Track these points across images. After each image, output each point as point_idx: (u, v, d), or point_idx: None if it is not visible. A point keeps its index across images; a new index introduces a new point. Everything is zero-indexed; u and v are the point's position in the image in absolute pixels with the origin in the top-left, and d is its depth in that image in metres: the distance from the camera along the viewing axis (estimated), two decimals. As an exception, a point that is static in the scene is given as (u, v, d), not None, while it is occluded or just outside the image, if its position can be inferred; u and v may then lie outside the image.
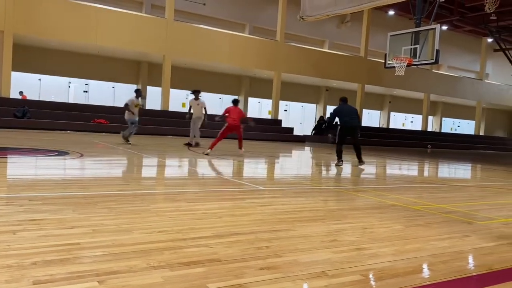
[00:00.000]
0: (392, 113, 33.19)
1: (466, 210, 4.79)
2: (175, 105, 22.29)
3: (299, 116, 29.21)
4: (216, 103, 23.51)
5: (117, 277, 2.14)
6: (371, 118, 31.69)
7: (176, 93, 22.76)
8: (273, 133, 22.25)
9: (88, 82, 22.50)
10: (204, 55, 21.21)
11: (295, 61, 23.81)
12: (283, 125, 24.36)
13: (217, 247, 2.76)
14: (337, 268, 2.49)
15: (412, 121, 34.69)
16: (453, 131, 36.57)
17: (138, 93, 11.99)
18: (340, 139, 9.62)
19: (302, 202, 4.75)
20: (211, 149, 10.10)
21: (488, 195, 6.54)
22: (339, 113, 9.52)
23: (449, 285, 2.36)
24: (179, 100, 23.81)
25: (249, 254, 2.66)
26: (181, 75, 22.66)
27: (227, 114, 10.48)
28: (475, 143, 31.66)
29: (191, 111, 12.63)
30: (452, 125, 37.60)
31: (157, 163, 8.42)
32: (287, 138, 22.49)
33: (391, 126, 32.46)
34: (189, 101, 12.69)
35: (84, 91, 22.61)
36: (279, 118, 24.15)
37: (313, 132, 26.08)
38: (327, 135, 9.92)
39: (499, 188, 7.61)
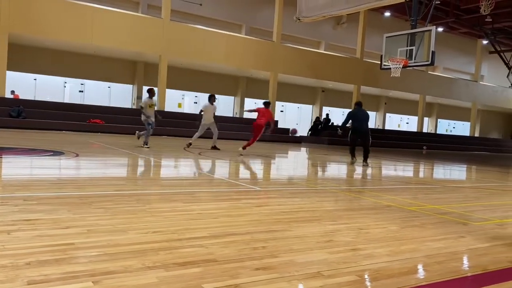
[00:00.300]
0: (387, 114, 33.29)
1: (461, 211, 4.81)
2: (171, 105, 22.26)
3: (295, 117, 29.25)
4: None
5: (112, 277, 2.13)
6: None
7: (172, 93, 22.73)
8: (269, 133, 22.23)
9: (84, 82, 22.43)
10: (200, 55, 21.20)
11: (291, 62, 23.84)
12: (280, 125, 24.39)
13: (213, 247, 2.75)
14: (332, 268, 2.50)
15: (407, 122, 34.83)
16: (448, 133, 36.77)
17: (151, 92, 11.44)
18: (350, 141, 10.32)
19: (298, 202, 4.75)
20: (244, 148, 11.03)
21: (483, 196, 6.56)
22: (352, 117, 10.21)
23: (444, 286, 2.37)
24: (175, 100, 23.78)
25: (245, 254, 2.66)
26: (177, 75, 22.64)
27: (256, 113, 11.11)
28: (470, 144, 31.83)
29: (202, 115, 12.06)
30: (447, 126, 37.78)
31: (153, 163, 8.40)
32: (283, 138, 22.51)
33: (387, 127, 32.56)
34: (203, 106, 12.00)
35: (80, 91, 22.54)
36: (275, 118, 24.14)
37: (309, 132, 26.12)
38: (337, 131, 10.77)
39: (494, 189, 7.65)
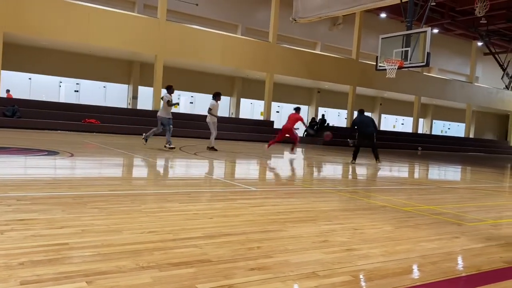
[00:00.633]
0: (383, 115, 33.37)
1: (455, 212, 4.82)
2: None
3: (291, 118, 29.23)
4: (208, 103, 23.41)
5: (105, 277, 2.12)
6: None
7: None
8: (265, 134, 22.25)
9: (79, 82, 22.33)
10: (196, 55, 21.17)
11: (287, 62, 23.85)
12: (276, 126, 24.40)
13: (207, 247, 2.75)
14: (327, 268, 2.50)
15: (403, 123, 34.93)
16: (443, 134, 36.92)
17: (171, 89, 11.14)
18: (357, 143, 11.85)
19: (293, 203, 4.75)
20: (268, 146, 13.02)
21: (477, 197, 6.59)
22: (357, 124, 11.67)
23: (438, 286, 2.38)
24: (171, 100, 23.66)
25: (239, 254, 2.65)
26: (173, 75, 22.57)
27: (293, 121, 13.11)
28: (465, 145, 31.99)
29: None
30: (442, 127, 37.93)
31: (149, 163, 8.37)
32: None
33: (382, 128, 32.63)
34: (211, 104, 12.02)
35: (75, 90, 22.44)
36: (271, 119, 24.18)
37: (305, 133, 26.13)
38: (347, 139, 12.67)
39: (488, 190, 7.69)
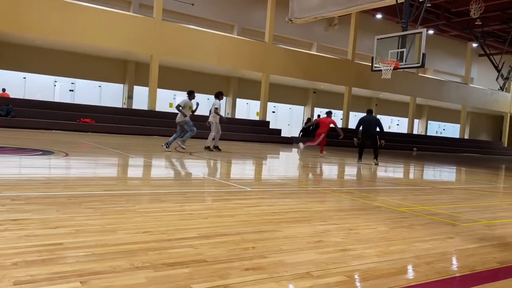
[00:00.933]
0: (378, 116, 33.40)
1: (450, 212, 4.85)
2: (162, 105, 22.16)
3: (287, 118, 29.29)
4: (204, 103, 23.42)
5: (100, 277, 2.12)
6: (357, 121, 31.90)
7: (163, 93, 22.63)
8: (261, 134, 22.27)
9: (74, 81, 22.24)
10: (192, 55, 21.14)
11: (283, 63, 23.86)
12: (271, 126, 24.41)
13: (203, 247, 2.75)
14: (322, 269, 2.50)
15: (398, 124, 35.04)
16: (438, 134, 37.06)
17: (192, 95, 11.09)
18: (360, 143, 12.34)
19: (288, 203, 4.76)
20: (321, 151, 13.61)
21: (472, 197, 6.62)
22: (362, 122, 12.34)
23: (432, 286, 2.39)
24: (166, 100, 23.67)
25: (234, 254, 2.65)
26: (168, 75, 22.54)
27: (318, 123, 13.48)
28: (460, 146, 32.12)
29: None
30: (437, 128, 38.08)
31: (144, 163, 8.36)
32: (275, 139, 22.54)
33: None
34: (216, 104, 11.92)
35: (70, 90, 22.35)
36: (267, 119, 24.18)
37: (301, 133, 26.17)
38: (353, 139, 12.88)
39: (483, 190, 7.72)
